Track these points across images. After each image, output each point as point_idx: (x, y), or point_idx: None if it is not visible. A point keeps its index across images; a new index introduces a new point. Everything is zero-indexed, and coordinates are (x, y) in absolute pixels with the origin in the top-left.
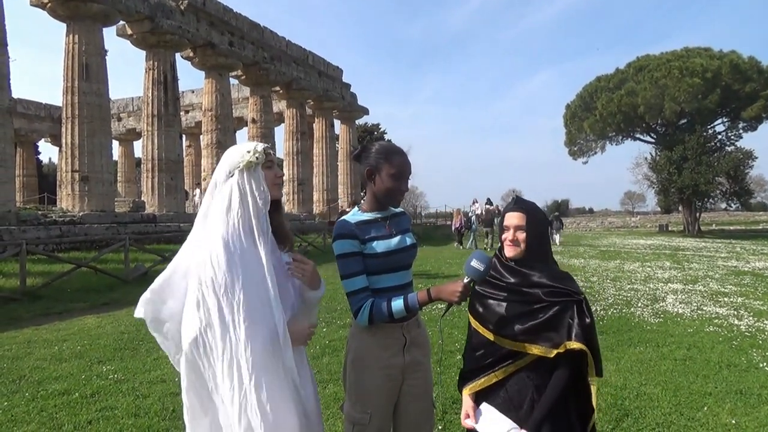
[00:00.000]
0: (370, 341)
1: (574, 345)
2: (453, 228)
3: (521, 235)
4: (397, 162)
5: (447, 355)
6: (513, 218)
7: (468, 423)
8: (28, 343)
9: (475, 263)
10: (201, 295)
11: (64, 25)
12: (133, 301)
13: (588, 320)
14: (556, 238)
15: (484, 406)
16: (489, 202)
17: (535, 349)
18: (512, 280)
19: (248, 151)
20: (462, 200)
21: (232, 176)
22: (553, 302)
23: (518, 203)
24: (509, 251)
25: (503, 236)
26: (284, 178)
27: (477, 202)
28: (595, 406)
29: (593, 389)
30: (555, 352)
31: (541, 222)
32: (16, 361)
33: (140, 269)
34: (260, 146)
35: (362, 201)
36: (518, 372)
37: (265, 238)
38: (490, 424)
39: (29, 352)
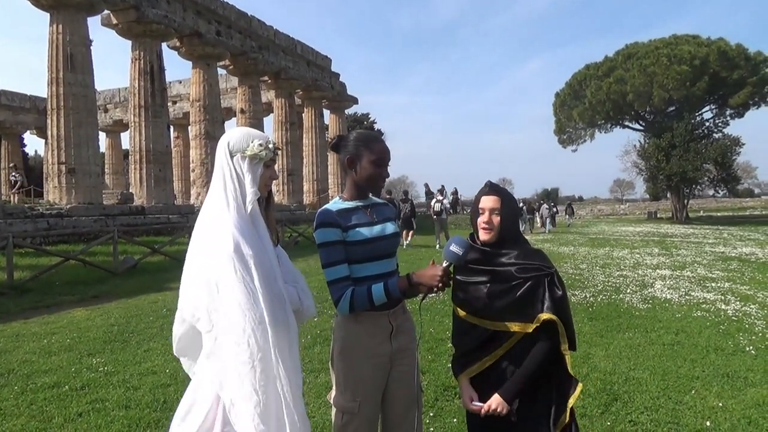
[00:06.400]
0: (357, 330)
1: (545, 316)
2: None
3: (496, 219)
4: (377, 149)
5: (437, 343)
6: (488, 201)
7: (475, 405)
8: (16, 336)
9: (453, 247)
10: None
11: (47, 15)
12: (123, 293)
13: (559, 293)
14: (571, 222)
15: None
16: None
17: (515, 326)
18: (487, 262)
19: (260, 144)
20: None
21: (232, 158)
22: (526, 278)
23: (492, 187)
24: (484, 235)
25: (478, 220)
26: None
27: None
28: (572, 374)
29: (567, 359)
30: (533, 326)
31: (514, 206)
32: (4, 354)
33: (129, 261)
34: (272, 144)
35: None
36: (508, 353)
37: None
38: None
39: (18, 345)
